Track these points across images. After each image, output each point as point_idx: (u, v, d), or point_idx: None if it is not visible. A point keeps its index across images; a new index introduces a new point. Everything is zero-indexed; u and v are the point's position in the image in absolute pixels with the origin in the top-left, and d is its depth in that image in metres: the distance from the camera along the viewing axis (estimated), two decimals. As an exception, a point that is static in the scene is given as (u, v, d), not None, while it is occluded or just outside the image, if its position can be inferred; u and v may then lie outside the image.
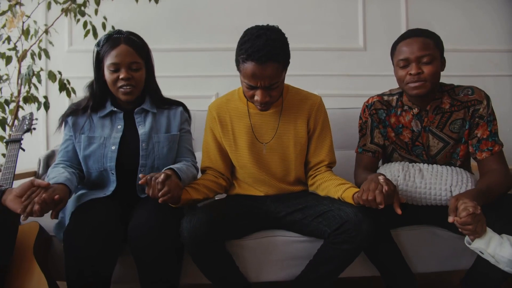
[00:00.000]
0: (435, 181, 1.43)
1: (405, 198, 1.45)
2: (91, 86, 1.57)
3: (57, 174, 1.38)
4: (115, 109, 1.54)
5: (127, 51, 1.46)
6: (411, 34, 1.47)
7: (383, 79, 2.25)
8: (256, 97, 1.35)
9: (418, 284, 1.48)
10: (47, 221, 1.47)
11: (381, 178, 1.27)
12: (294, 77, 1.86)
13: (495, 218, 1.24)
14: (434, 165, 1.51)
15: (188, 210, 1.34)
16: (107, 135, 1.51)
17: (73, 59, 2.60)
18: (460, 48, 2.68)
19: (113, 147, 1.48)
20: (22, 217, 1.18)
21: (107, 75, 1.48)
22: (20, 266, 1.29)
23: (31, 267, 1.30)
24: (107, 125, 1.53)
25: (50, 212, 1.24)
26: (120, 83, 1.47)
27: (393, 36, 1.58)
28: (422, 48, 1.42)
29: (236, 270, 1.40)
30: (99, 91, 1.53)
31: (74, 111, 1.56)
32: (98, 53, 1.51)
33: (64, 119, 1.56)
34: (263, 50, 1.27)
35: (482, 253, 1.17)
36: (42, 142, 2.59)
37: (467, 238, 1.21)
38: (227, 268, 1.37)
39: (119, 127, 1.52)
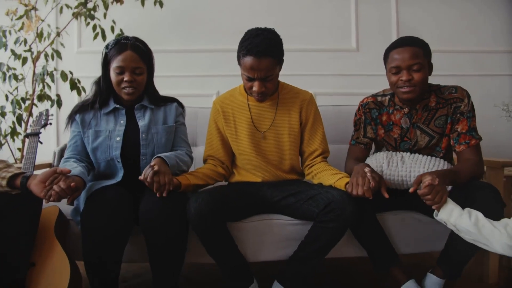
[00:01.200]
0: (414, 165, 1.60)
1: (389, 182, 1.61)
2: (98, 83, 1.72)
3: (71, 168, 1.52)
4: (118, 106, 1.69)
5: (132, 56, 1.61)
6: (403, 43, 1.63)
7: (374, 79, 2.41)
8: (254, 88, 1.55)
9: (400, 262, 1.64)
10: (65, 207, 1.64)
11: (367, 170, 1.44)
12: (292, 76, 2.02)
13: (463, 200, 1.40)
14: (416, 154, 1.67)
15: (193, 194, 1.50)
16: (111, 129, 1.66)
17: (82, 60, 2.76)
18: (444, 49, 2.84)
19: (118, 138, 1.64)
20: (44, 200, 1.34)
21: (113, 76, 1.63)
22: (43, 245, 1.45)
23: (53, 245, 1.45)
24: (111, 120, 1.68)
25: (66, 199, 1.40)
26: (124, 85, 1.62)
27: (384, 37, 1.74)
28: (412, 57, 1.58)
29: (236, 248, 1.56)
30: (105, 89, 1.69)
31: (81, 109, 1.71)
32: (106, 55, 1.66)
33: (72, 117, 1.71)
34: (260, 46, 1.48)
35: (446, 223, 1.33)
36: (53, 137, 2.75)
37: (435, 212, 1.36)
38: (228, 246, 1.53)
39: (122, 121, 1.68)
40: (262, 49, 1.49)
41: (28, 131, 1.83)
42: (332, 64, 2.83)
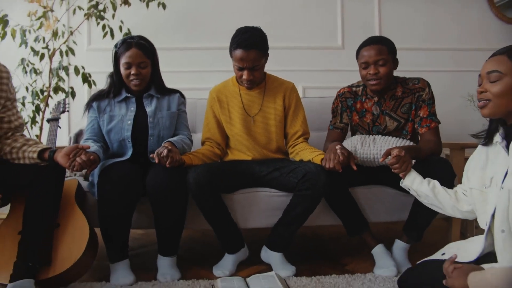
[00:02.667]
0: (384, 145, 1.86)
1: (362, 160, 1.87)
2: (111, 76, 1.99)
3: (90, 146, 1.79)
4: (129, 95, 1.96)
5: (137, 53, 1.87)
6: (370, 42, 1.89)
7: (358, 74, 2.67)
8: (244, 76, 1.83)
9: (370, 229, 1.90)
10: (82, 182, 1.91)
11: (337, 147, 1.71)
12: (283, 72, 2.28)
13: (424, 172, 1.66)
14: (386, 136, 1.94)
15: (192, 167, 1.77)
16: (124, 114, 1.93)
17: (92, 56, 3.02)
18: (417, 47, 3.12)
19: (129, 122, 1.91)
20: (68, 171, 1.60)
21: (122, 70, 1.90)
22: (66, 210, 1.71)
23: (74, 210, 1.73)
24: (123, 107, 1.95)
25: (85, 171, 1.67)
26: (131, 77, 1.89)
27: (367, 36, 1.99)
28: (378, 53, 1.84)
29: (229, 215, 1.83)
30: (117, 81, 1.96)
31: (97, 97, 1.97)
32: (116, 52, 1.93)
33: (89, 104, 1.98)
34: (248, 40, 1.77)
35: (409, 189, 1.58)
36: (65, 124, 3.01)
37: (401, 180, 1.62)
38: (222, 212, 1.80)
39: (132, 108, 1.95)
40: (249, 43, 1.77)
41: (49, 117, 2.11)
42: (319, 61, 3.10)
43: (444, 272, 1.18)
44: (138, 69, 1.88)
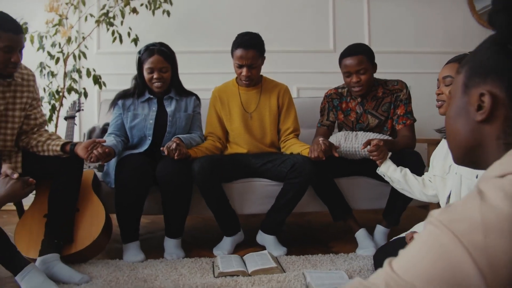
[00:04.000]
0: (365, 139, 2.08)
1: (345, 153, 2.10)
2: (136, 79, 2.21)
3: (108, 141, 2.01)
4: (151, 96, 2.19)
5: (159, 59, 2.10)
6: (350, 53, 2.10)
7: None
8: (243, 73, 2.08)
9: (353, 214, 2.14)
10: (97, 174, 2.15)
11: (320, 139, 1.94)
12: (278, 73, 2.53)
13: (398, 162, 1.89)
14: (368, 132, 2.17)
15: (196, 158, 2.01)
16: (146, 113, 2.16)
17: (101, 59, 3.25)
18: (404, 50, 3.35)
19: (151, 121, 2.14)
20: (85, 163, 1.84)
21: (145, 74, 2.13)
22: (84, 196, 1.95)
23: (91, 197, 1.97)
24: (146, 107, 2.18)
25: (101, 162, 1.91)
26: (154, 81, 2.12)
27: (357, 40, 2.21)
28: (359, 64, 2.07)
29: (228, 202, 2.07)
30: (141, 83, 2.18)
31: (122, 96, 2.20)
32: (139, 58, 2.16)
33: (115, 102, 2.20)
34: (247, 42, 2.05)
35: (384, 175, 1.81)
36: (77, 122, 3.25)
37: (378, 167, 1.85)
38: (222, 198, 2.03)
39: (154, 108, 2.18)
40: (249, 44, 2.04)
41: (66, 115, 2.35)
42: (312, 63, 3.33)
43: (406, 241, 1.42)
44: (160, 73, 2.11)
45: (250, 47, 2.05)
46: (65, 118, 2.32)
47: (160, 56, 2.10)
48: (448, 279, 0.49)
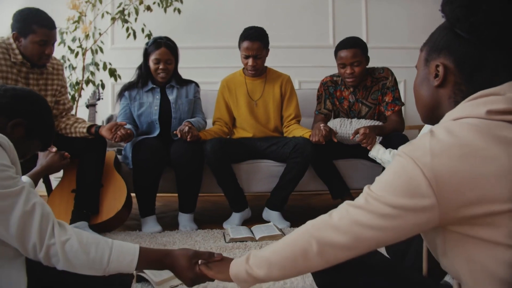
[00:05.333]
0: (358, 126, 2.29)
1: (341, 138, 2.31)
2: (140, 69, 2.42)
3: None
4: (155, 86, 2.41)
5: (165, 52, 2.31)
6: (346, 46, 2.30)
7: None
8: (249, 63, 2.30)
9: (351, 193, 2.35)
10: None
11: (321, 125, 2.16)
12: (281, 68, 2.71)
13: (387, 145, 2.10)
14: (361, 119, 2.38)
15: (207, 140, 2.22)
16: (151, 101, 2.38)
17: (115, 54, 3.46)
18: (400, 46, 3.56)
19: (156, 108, 2.36)
20: (112, 141, 2.06)
21: (151, 65, 2.34)
22: (107, 173, 2.17)
23: (113, 174, 2.19)
24: (150, 95, 2.40)
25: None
26: (159, 71, 2.33)
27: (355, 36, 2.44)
28: (353, 56, 2.26)
29: (236, 180, 2.28)
30: (145, 73, 2.40)
31: (128, 87, 2.42)
32: (146, 49, 2.37)
33: (121, 94, 2.42)
34: (253, 34, 2.27)
35: (375, 158, 2.02)
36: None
37: (369, 152, 2.06)
38: (231, 177, 2.25)
39: (157, 96, 2.39)
40: (254, 36, 2.27)
41: (88, 103, 2.57)
42: (313, 58, 3.55)
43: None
44: (166, 64, 2.32)
45: (255, 39, 2.26)
46: (87, 106, 2.54)
47: (167, 49, 2.31)
48: (407, 187, 0.72)
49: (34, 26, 1.86)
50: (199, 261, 1.05)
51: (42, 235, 0.90)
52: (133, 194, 2.27)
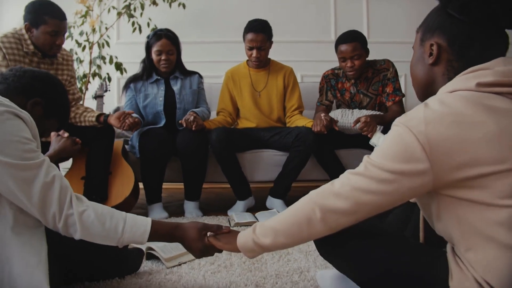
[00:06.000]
0: (360, 115, 2.35)
1: (343, 128, 2.37)
2: (144, 61, 2.49)
3: None
4: (159, 77, 2.47)
5: (166, 43, 2.38)
6: (346, 40, 2.36)
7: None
8: (253, 55, 2.36)
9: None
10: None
11: (322, 115, 2.22)
12: (284, 62, 2.77)
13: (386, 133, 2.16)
14: (362, 109, 2.44)
15: (212, 129, 2.29)
16: (156, 92, 2.44)
17: (120, 48, 3.53)
18: (401, 41, 3.62)
19: (160, 98, 2.42)
20: (120, 129, 2.12)
21: (154, 57, 2.40)
22: (115, 161, 2.24)
23: (121, 162, 2.25)
24: (155, 87, 2.46)
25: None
26: (162, 62, 2.40)
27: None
28: (353, 50, 2.33)
29: (240, 169, 2.34)
30: (148, 65, 2.46)
31: (133, 80, 2.48)
32: (148, 42, 2.43)
33: (127, 86, 2.49)
34: (257, 26, 2.33)
35: (376, 145, 2.08)
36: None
37: (370, 140, 2.11)
38: (235, 166, 2.31)
39: (162, 88, 2.46)
40: (258, 28, 2.33)
41: (96, 94, 2.63)
42: (315, 53, 3.60)
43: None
44: (167, 55, 2.39)
45: (259, 31, 2.32)
46: (95, 97, 2.60)
47: (168, 40, 2.37)
48: (403, 153, 0.78)
49: (46, 17, 1.92)
50: (208, 233, 1.11)
51: (61, 205, 0.97)
52: (140, 186, 2.34)
